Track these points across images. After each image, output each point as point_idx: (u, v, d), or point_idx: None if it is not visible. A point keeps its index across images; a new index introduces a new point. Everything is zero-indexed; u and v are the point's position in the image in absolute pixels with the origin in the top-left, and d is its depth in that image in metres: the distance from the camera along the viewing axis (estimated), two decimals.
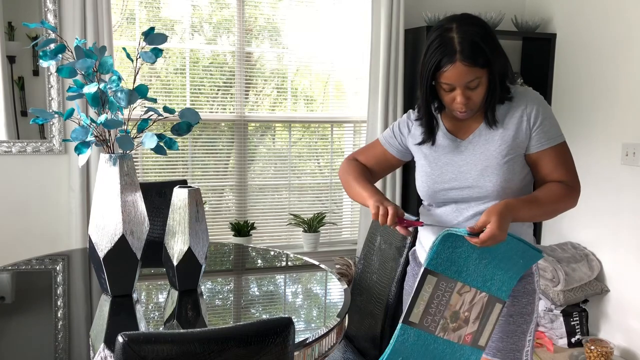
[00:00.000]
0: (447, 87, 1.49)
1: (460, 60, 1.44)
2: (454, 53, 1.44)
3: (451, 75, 1.46)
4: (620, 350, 3.21)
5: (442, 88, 1.51)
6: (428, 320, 1.44)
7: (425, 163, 1.66)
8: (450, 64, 1.45)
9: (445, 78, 1.47)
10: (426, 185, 1.65)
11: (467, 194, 1.60)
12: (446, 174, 1.62)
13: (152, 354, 1.09)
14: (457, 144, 1.63)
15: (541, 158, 1.58)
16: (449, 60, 1.45)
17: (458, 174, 1.60)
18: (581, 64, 3.46)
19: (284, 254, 2.42)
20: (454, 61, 1.44)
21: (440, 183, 1.62)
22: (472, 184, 1.58)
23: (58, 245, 3.12)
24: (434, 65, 1.47)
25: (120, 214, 1.73)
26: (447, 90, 1.50)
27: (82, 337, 1.57)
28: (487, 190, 1.57)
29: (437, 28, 1.51)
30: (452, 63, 1.45)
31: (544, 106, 1.58)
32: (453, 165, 1.62)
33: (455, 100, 1.50)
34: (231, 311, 1.79)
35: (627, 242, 3.16)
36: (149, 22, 3.30)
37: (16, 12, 2.99)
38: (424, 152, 1.67)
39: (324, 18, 3.58)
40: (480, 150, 1.59)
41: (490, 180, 1.56)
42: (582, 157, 3.44)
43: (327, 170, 3.76)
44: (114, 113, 1.73)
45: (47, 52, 1.71)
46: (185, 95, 3.39)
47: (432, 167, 1.64)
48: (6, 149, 3.05)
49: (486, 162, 1.58)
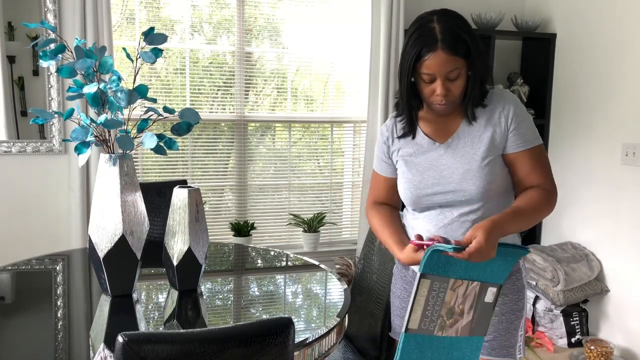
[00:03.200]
0: (427, 77, 1.48)
1: (442, 49, 1.44)
2: (435, 42, 1.45)
3: (432, 64, 1.46)
4: (620, 350, 3.21)
5: (422, 79, 1.50)
6: (426, 323, 1.45)
7: (405, 169, 1.65)
8: (432, 52, 1.45)
9: (426, 67, 1.46)
10: (409, 192, 1.64)
11: (451, 197, 1.59)
12: (428, 179, 1.61)
13: (152, 354, 1.09)
14: (435, 148, 1.62)
15: (517, 160, 1.58)
16: (430, 49, 1.45)
17: (440, 179, 1.59)
18: (581, 64, 3.46)
19: (284, 254, 2.42)
20: (435, 49, 1.45)
21: (423, 188, 1.61)
22: (455, 187, 1.58)
23: (58, 245, 3.12)
24: (415, 55, 1.47)
25: (120, 214, 1.73)
26: (427, 82, 1.50)
27: (82, 337, 1.57)
28: (470, 193, 1.56)
29: (417, 21, 1.51)
30: (433, 51, 1.45)
31: (521, 108, 1.59)
32: (434, 170, 1.61)
33: (435, 91, 1.50)
34: (231, 311, 1.79)
35: (627, 242, 3.16)
36: (149, 22, 3.30)
37: (16, 12, 2.99)
38: (404, 159, 1.66)
39: (324, 18, 3.59)
40: (460, 154, 1.59)
41: (474, 184, 1.56)
42: (582, 157, 3.45)
43: (327, 170, 3.76)
44: (114, 113, 1.73)
45: (47, 52, 1.71)
46: (185, 95, 3.39)
47: (412, 173, 1.63)
48: (6, 149, 3.05)
49: (467, 165, 1.57)
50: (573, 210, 3.48)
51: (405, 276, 1.77)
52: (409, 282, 1.76)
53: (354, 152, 3.79)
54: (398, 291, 1.80)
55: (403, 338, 1.45)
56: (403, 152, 1.66)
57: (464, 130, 1.60)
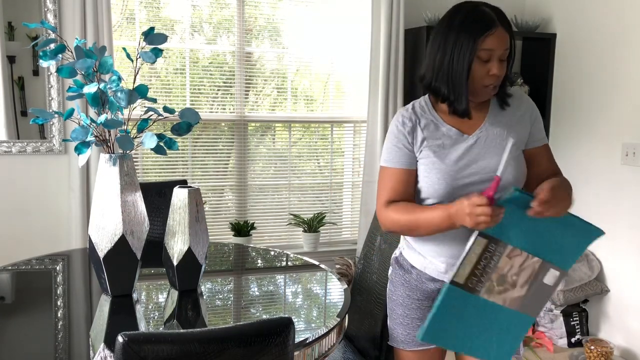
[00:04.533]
0: (486, 55, 1.50)
1: (501, 26, 1.50)
2: (494, 20, 1.51)
3: (495, 40, 1.50)
4: (620, 350, 3.21)
5: (479, 60, 1.51)
6: (473, 282, 1.44)
7: (436, 160, 1.59)
8: (494, 28, 1.50)
9: (489, 43, 1.49)
10: (444, 182, 1.57)
11: (486, 187, 1.56)
12: (465, 169, 1.58)
13: (152, 354, 1.09)
14: (464, 139, 1.61)
15: (537, 154, 1.66)
16: (492, 25, 1.50)
17: (478, 168, 1.58)
18: (581, 64, 3.46)
19: (284, 254, 2.42)
20: (496, 26, 1.50)
21: (460, 178, 1.58)
22: (491, 176, 1.57)
23: (58, 245, 3.12)
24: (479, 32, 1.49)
25: (120, 214, 1.73)
26: (484, 60, 1.51)
27: (82, 337, 1.57)
28: (506, 181, 1.57)
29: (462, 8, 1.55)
30: (495, 27, 1.50)
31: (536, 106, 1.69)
32: (469, 160, 1.59)
33: (490, 71, 1.52)
34: (231, 311, 1.79)
35: (627, 242, 3.16)
36: (149, 22, 3.30)
37: (16, 12, 2.99)
38: (432, 149, 1.61)
39: (324, 18, 3.58)
40: (492, 144, 1.60)
41: (510, 172, 1.58)
42: (582, 157, 3.45)
43: (327, 170, 3.76)
44: (114, 113, 1.73)
45: (47, 52, 1.71)
46: (185, 95, 3.39)
47: (446, 164, 1.59)
48: (6, 149, 3.05)
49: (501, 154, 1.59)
50: (573, 210, 3.47)
51: (408, 281, 1.72)
52: (413, 289, 1.71)
53: (354, 152, 3.79)
54: (400, 298, 1.75)
55: (447, 288, 1.44)
56: (430, 143, 1.61)
57: (492, 121, 1.62)
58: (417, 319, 1.71)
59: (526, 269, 1.46)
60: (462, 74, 1.53)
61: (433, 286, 1.68)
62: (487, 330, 1.50)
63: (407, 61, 3.54)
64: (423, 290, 1.70)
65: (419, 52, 3.48)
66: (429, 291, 1.70)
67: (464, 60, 1.51)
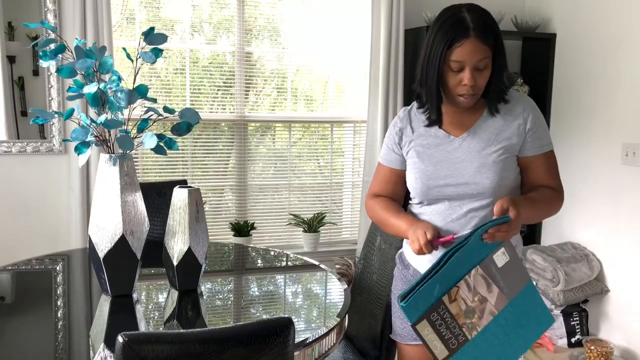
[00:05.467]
0: (456, 65, 1.48)
1: (473, 37, 1.46)
2: (467, 29, 1.46)
3: (464, 52, 1.46)
4: (620, 350, 3.21)
5: (450, 69, 1.50)
6: (454, 343, 1.46)
7: (417, 160, 1.65)
8: (464, 39, 1.46)
9: (457, 55, 1.47)
10: (420, 182, 1.63)
11: (462, 190, 1.59)
12: (441, 170, 1.61)
13: (152, 354, 1.09)
14: (450, 141, 1.62)
15: (533, 163, 1.62)
16: (462, 36, 1.46)
17: (454, 170, 1.60)
18: (581, 64, 3.46)
19: (284, 254, 2.42)
20: (467, 36, 1.46)
21: (434, 179, 1.61)
22: (468, 180, 1.58)
23: (58, 245, 3.12)
24: (447, 42, 1.47)
25: (120, 214, 1.73)
26: (455, 70, 1.49)
27: (82, 337, 1.57)
28: (483, 186, 1.57)
29: (445, 12, 1.53)
30: (466, 38, 1.46)
31: (539, 112, 1.63)
32: (448, 162, 1.61)
33: (462, 81, 1.50)
34: (231, 311, 1.79)
35: (627, 242, 3.16)
36: (149, 22, 3.30)
37: (16, 12, 2.99)
38: (416, 150, 1.66)
39: (324, 18, 3.58)
40: (476, 149, 1.60)
41: (488, 177, 1.57)
42: (582, 157, 3.45)
43: (327, 170, 3.76)
44: (114, 113, 1.73)
45: (47, 52, 1.71)
46: (185, 95, 3.39)
47: (425, 164, 1.63)
48: (6, 149, 3.05)
49: (482, 159, 1.58)
50: (573, 210, 3.48)
51: (406, 276, 1.76)
52: (409, 283, 1.75)
53: (354, 152, 3.79)
54: (398, 291, 1.79)
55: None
56: (416, 143, 1.66)
57: (481, 125, 1.61)
58: None
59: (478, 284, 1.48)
60: (432, 82, 1.53)
61: None
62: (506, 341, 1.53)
63: (407, 61, 3.54)
64: None
65: (419, 52, 3.48)
66: None
67: (434, 69, 1.51)
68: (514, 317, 1.52)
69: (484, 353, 1.49)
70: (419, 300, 1.42)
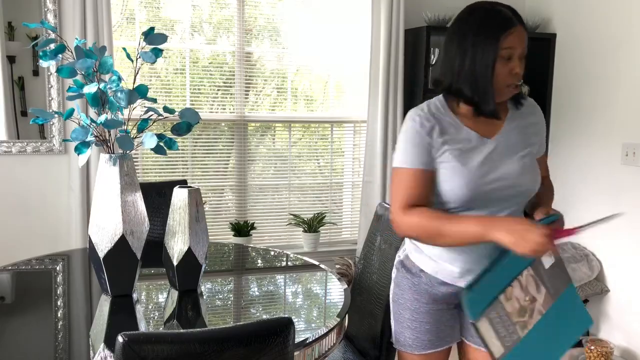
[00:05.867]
0: (507, 53, 1.48)
1: (519, 24, 1.50)
2: (511, 18, 1.49)
3: (515, 39, 1.48)
4: (620, 350, 3.20)
5: (500, 58, 1.48)
6: (508, 341, 1.50)
7: (458, 164, 1.53)
8: (514, 26, 1.48)
9: (509, 42, 1.47)
10: (467, 188, 1.52)
11: (507, 193, 1.55)
12: (487, 175, 1.54)
13: (152, 354, 1.09)
14: (484, 143, 1.57)
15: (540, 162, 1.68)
16: (512, 24, 1.48)
17: (500, 175, 1.55)
18: (581, 64, 3.46)
19: (284, 254, 2.42)
20: (515, 24, 1.49)
21: (483, 185, 1.53)
22: (514, 182, 1.55)
23: (58, 245, 3.12)
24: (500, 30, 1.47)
25: (120, 214, 1.73)
26: (506, 59, 1.49)
27: (82, 337, 1.57)
28: (525, 188, 1.57)
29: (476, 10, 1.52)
30: (514, 25, 1.49)
31: None
32: (491, 165, 1.55)
33: (513, 70, 1.50)
34: (231, 311, 1.79)
35: (627, 242, 3.16)
36: (149, 22, 3.30)
37: (16, 12, 2.99)
38: (453, 152, 1.54)
39: (324, 18, 3.58)
40: (512, 150, 1.58)
41: (530, 179, 1.58)
42: (582, 157, 3.45)
43: (327, 170, 3.76)
44: (114, 113, 1.73)
45: (47, 52, 1.71)
46: (185, 95, 3.39)
47: (469, 168, 1.53)
48: (6, 149, 3.05)
49: (521, 161, 1.58)
50: (573, 210, 3.48)
51: (418, 285, 1.67)
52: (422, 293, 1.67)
53: (354, 152, 3.79)
54: (408, 302, 1.70)
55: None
56: (451, 146, 1.55)
57: (509, 126, 1.61)
58: (425, 323, 1.68)
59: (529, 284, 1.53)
60: (487, 75, 1.49)
61: (444, 290, 1.64)
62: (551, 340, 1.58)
63: (407, 61, 3.54)
64: (433, 294, 1.66)
65: (419, 52, 3.48)
66: (440, 295, 1.66)
67: (487, 61, 1.48)
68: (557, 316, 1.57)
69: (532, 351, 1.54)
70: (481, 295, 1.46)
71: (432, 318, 1.68)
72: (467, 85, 1.52)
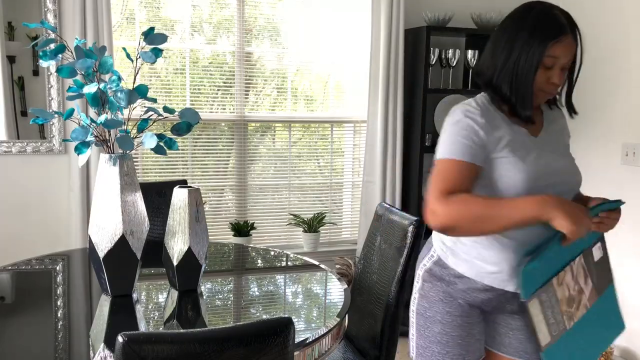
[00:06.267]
0: (550, 61, 1.46)
1: (571, 35, 1.46)
2: (565, 27, 1.46)
3: (563, 48, 1.46)
4: (620, 350, 3.20)
5: (542, 65, 1.47)
6: (555, 330, 1.47)
7: (517, 160, 1.49)
8: (564, 36, 1.45)
9: (555, 50, 1.45)
10: (527, 182, 1.48)
11: (560, 189, 1.54)
12: (545, 169, 1.52)
13: (152, 354, 1.09)
14: (531, 139, 1.56)
15: None
16: (563, 32, 1.45)
17: (556, 169, 1.54)
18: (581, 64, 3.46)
19: (284, 254, 2.42)
20: (567, 33, 1.45)
21: (540, 179, 1.50)
22: (566, 178, 1.57)
23: (58, 245, 3.12)
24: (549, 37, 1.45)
25: (120, 214, 1.73)
26: (548, 66, 1.47)
27: (82, 337, 1.57)
28: (573, 183, 1.58)
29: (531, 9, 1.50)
30: (565, 35, 1.45)
31: None
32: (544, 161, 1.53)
33: (551, 79, 1.48)
34: (231, 311, 1.79)
35: (627, 242, 3.16)
36: (149, 22, 3.30)
37: (16, 12, 2.99)
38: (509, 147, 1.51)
39: (324, 18, 3.59)
40: (559, 146, 1.61)
41: (578, 175, 1.60)
42: (582, 157, 3.45)
43: (327, 170, 3.76)
44: (114, 113, 1.73)
45: (47, 52, 1.71)
46: (185, 95, 3.39)
47: (527, 164, 1.50)
48: (6, 149, 3.05)
49: (568, 156, 1.60)
50: None
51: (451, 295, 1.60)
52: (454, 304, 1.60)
53: (354, 152, 3.79)
54: (438, 315, 1.62)
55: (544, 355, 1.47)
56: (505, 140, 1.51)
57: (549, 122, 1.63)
58: (457, 337, 1.60)
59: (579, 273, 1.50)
60: (528, 77, 1.47)
61: (484, 296, 1.57)
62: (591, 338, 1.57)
63: (407, 61, 3.54)
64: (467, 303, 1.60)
65: (419, 52, 3.48)
66: (476, 303, 1.60)
67: (531, 64, 1.46)
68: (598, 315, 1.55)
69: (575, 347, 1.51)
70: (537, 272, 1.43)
71: (464, 331, 1.60)
72: (507, 83, 1.50)
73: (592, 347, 1.55)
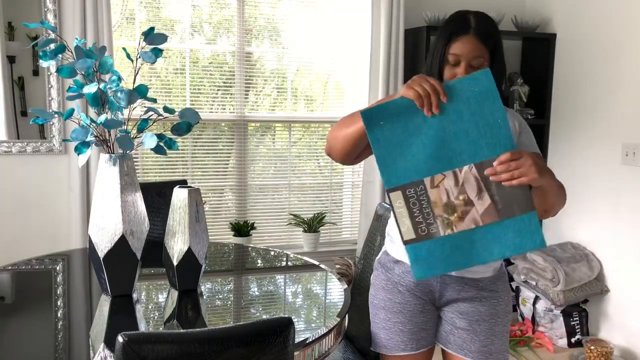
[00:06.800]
0: (453, 58, 1.54)
1: (474, 35, 1.53)
2: (468, 27, 1.54)
3: (462, 46, 1.53)
4: (620, 350, 3.21)
5: (447, 61, 1.55)
6: (423, 229, 1.43)
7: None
8: (464, 35, 1.53)
9: (455, 48, 1.53)
10: None
11: None
12: None
13: (152, 354, 1.09)
14: None
15: None
16: (463, 32, 1.53)
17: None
18: (581, 64, 3.46)
19: (284, 254, 2.42)
20: (467, 33, 1.53)
21: None
22: None
23: (58, 245, 3.12)
24: (448, 36, 1.54)
25: (120, 214, 1.73)
26: (451, 63, 1.55)
27: (82, 337, 1.57)
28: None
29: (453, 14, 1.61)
30: (465, 34, 1.53)
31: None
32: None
33: (456, 75, 1.54)
34: (231, 311, 1.79)
35: (627, 242, 3.16)
36: (149, 22, 3.30)
37: (16, 12, 2.99)
38: None
39: (323, 18, 3.59)
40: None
41: None
42: (582, 157, 3.45)
43: (327, 170, 3.76)
44: (114, 113, 1.73)
45: (47, 52, 1.71)
46: (185, 95, 3.39)
47: None
48: (6, 149, 3.05)
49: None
50: (573, 210, 3.48)
51: (390, 280, 1.73)
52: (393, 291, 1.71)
53: None
54: (382, 302, 1.74)
55: (407, 250, 1.44)
56: None
57: None
58: (399, 323, 1.70)
59: (467, 182, 1.41)
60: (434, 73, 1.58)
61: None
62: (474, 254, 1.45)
63: (407, 61, 3.54)
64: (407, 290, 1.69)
65: (419, 52, 3.48)
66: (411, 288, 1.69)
67: (437, 60, 1.57)
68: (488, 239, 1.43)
69: (451, 253, 1.43)
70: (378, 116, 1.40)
71: (405, 318, 1.69)
72: None
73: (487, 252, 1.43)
